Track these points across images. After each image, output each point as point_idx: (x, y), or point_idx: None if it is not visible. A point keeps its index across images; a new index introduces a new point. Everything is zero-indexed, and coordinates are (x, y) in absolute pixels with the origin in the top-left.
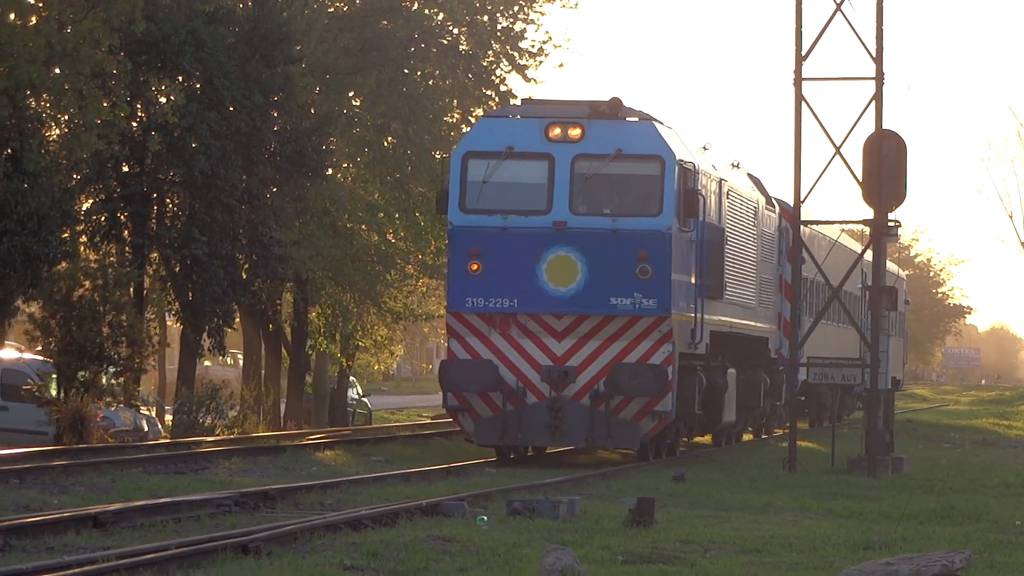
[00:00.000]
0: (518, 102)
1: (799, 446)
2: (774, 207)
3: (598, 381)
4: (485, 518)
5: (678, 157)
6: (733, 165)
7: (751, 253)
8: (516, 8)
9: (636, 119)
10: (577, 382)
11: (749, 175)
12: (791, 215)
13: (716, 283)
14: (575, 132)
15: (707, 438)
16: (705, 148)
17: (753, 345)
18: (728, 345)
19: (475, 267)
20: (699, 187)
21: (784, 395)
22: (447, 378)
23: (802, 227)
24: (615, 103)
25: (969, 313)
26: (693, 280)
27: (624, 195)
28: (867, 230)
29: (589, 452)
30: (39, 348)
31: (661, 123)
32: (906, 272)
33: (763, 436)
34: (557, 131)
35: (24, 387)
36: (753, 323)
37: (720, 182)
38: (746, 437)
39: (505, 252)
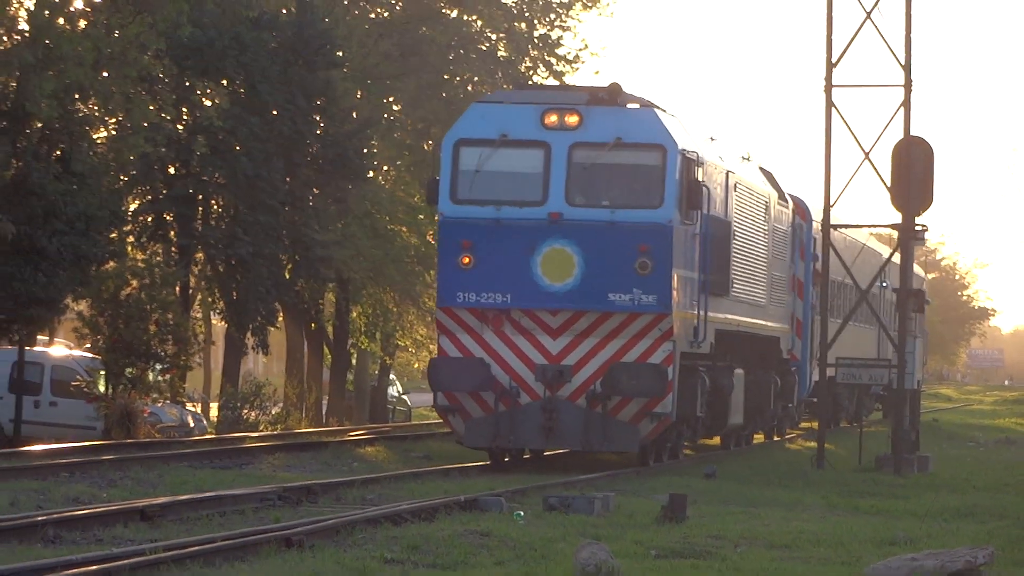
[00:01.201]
0: None
1: (810, 447)
2: (787, 203)
3: (595, 381)
4: (522, 513)
5: (681, 146)
6: (743, 158)
7: (761, 249)
8: (553, 16)
9: (637, 106)
10: (573, 382)
11: (761, 168)
12: (804, 212)
13: (722, 279)
14: (572, 119)
15: (716, 440)
16: (712, 139)
17: (763, 345)
18: (735, 344)
19: (467, 260)
20: (703, 178)
21: (796, 397)
22: (436, 377)
23: (817, 229)
24: (614, 88)
25: (993, 315)
26: (696, 276)
27: (623, 186)
28: (894, 233)
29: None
30: (88, 345)
31: (664, 110)
32: (932, 275)
33: (775, 438)
34: (553, 118)
35: (73, 383)
36: (763, 322)
37: (727, 174)
38: (757, 438)
39: (498, 245)
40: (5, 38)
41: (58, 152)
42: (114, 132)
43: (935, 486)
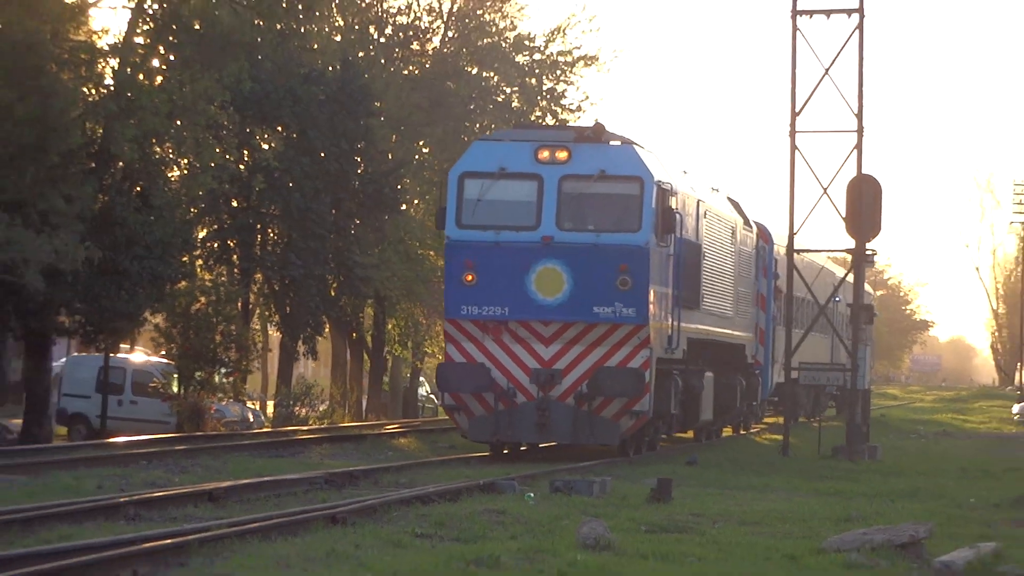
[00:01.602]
0: None
1: (776, 439)
2: (751, 228)
3: (582, 383)
4: (532, 494)
5: (656, 178)
6: (713, 189)
7: (728, 268)
8: (559, 72)
9: (618, 143)
10: (563, 384)
11: (729, 198)
12: (767, 236)
13: (693, 294)
14: (562, 154)
15: (689, 434)
16: (685, 172)
17: (730, 351)
18: (706, 351)
19: (470, 278)
20: (676, 206)
21: (759, 396)
22: (444, 380)
23: (778, 251)
24: (598, 128)
25: (932, 327)
26: (670, 291)
27: (606, 212)
28: (848, 257)
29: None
30: (163, 352)
31: (641, 147)
32: (880, 292)
33: (742, 432)
34: (545, 153)
35: (151, 385)
36: (730, 331)
37: (698, 202)
38: (726, 432)
39: (497, 264)
40: (94, 91)
41: (138, 188)
42: (186, 171)
43: (883, 471)
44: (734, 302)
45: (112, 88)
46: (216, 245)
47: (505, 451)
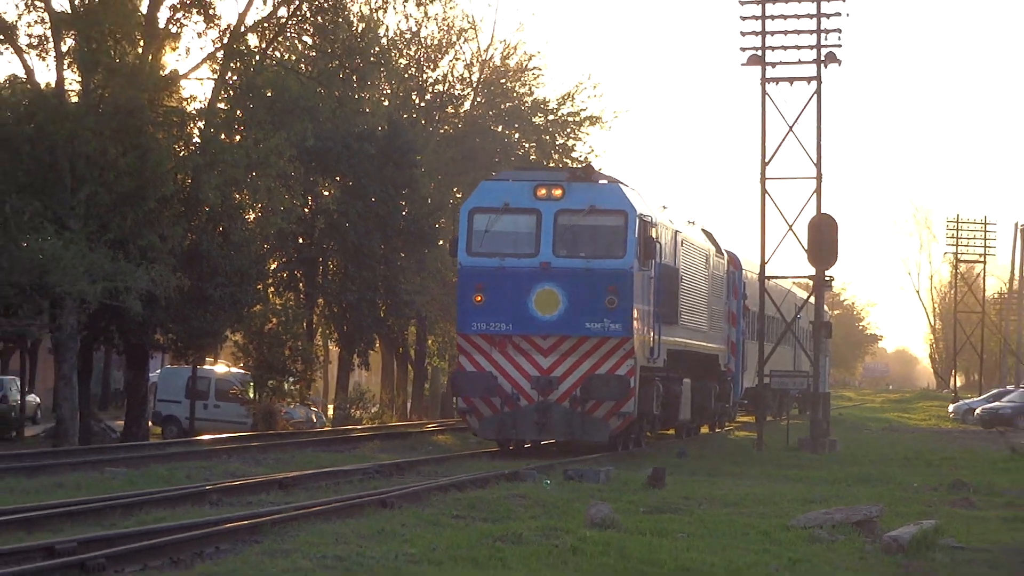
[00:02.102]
0: None
1: (748, 436)
2: (723, 256)
3: (576, 388)
4: (549, 482)
5: (639, 212)
6: (689, 222)
7: (703, 289)
8: (569, 131)
9: (606, 181)
10: (559, 389)
11: (703, 230)
12: (737, 262)
13: (671, 311)
14: (557, 192)
15: (671, 431)
16: (664, 207)
17: (705, 361)
18: (683, 360)
19: (479, 299)
20: (656, 236)
21: (731, 399)
22: (457, 386)
23: (747, 275)
24: (588, 169)
25: (880, 339)
26: (651, 309)
27: (596, 241)
28: (810, 282)
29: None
30: (241, 364)
31: (627, 185)
32: (836, 311)
33: (717, 430)
34: (543, 191)
35: (231, 391)
36: (705, 343)
37: (675, 233)
38: (704, 430)
39: (502, 287)
40: (184, 148)
41: (220, 228)
42: (259, 214)
43: (841, 461)
44: (708, 318)
45: (199, 145)
46: (285, 275)
47: (511, 447)
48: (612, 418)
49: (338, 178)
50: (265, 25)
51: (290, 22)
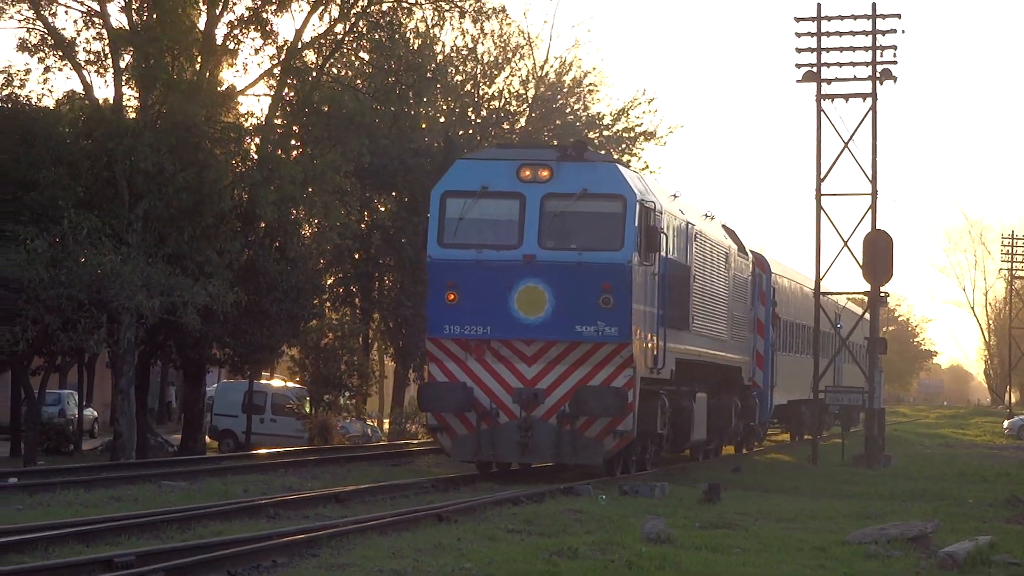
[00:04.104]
0: None
1: (778, 457)
2: (747, 256)
3: (565, 402)
4: (604, 496)
5: (639, 197)
6: (707, 215)
7: (721, 292)
8: (623, 146)
9: (600, 161)
10: (545, 403)
11: (724, 226)
12: (764, 265)
13: (681, 315)
14: (544, 173)
15: (686, 453)
16: (675, 196)
17: (725, 373)
18: (697, 372)
19: (452, 297)
20: (661, 226)
21: (757, 418)
22: (425, 399)
23: (777, 280)
24: (580, 147)
25: (936, 355)
26: (655, 311)
27: (589, 231)
28: (864, 298)
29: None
30: (297, 379)
31: (625, 165)
32: (891, 327)
33: (744, 451)
34: (528, 172)
35: (287, 405)
36: (724, 354)
37: (688, 225)
38: (727, 450)
39: (479, 283)
40: (241, 164)
41: (277, 243)
42: (316, 229)
43: (896, 477)
44: (728, 325)
45: (255, 161)
46: (341, 290)
47: (493, 469)
48: (607, 437)
49: (394, 193)
50: (322, 42)
51: (347, 39)
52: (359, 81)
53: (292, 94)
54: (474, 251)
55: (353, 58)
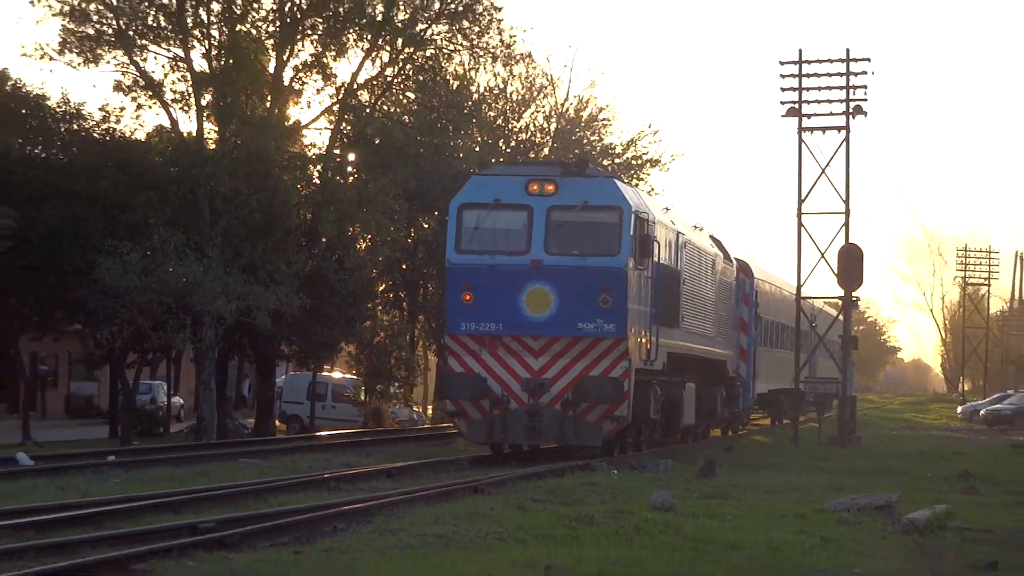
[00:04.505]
0: None
1: (760, 439)
2: (732, 263)
3: (568, 391)
4: (616, 472)
5: (634, 208)
6: (696, 227)
7: (709, 294)
8: (632, 171)
9: (600, 176)
10: (551, 391)
11: (711, 236)
12: (748, 271)
13: (672, 314)
14: (550, 187)
15: (679, 436)
16: (667, 208)
17: (712, 366)
18: (687, 365)
19: (468, 298)
20: (654, 234)
21: (741, 404)
22: (445, 389)
23: (759, 284)
24: (582, 164)
25: (899, 351)
26: (648, 310)
27: (589, 238)
28: (839, 302)
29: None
30: (354, 371)
31: (621, 180)
32: (861, 327)
33: (729, 434)
34: (535, 187)
35: (345, 394)
36: (711, 348)
37: (678, 234)
38: (715, 433)
39: (492, 285)
40: (305, 188)
41: (336, 256)
42: (369, 244)
43: (865, 455)
44: (715, 324)
45: (317, 185)
46: (391, 295)
47: (506, 451)
48: (605, 422)
49: (436, 213)
50: (374, 83)
51: (395, 80)
52: (406, 117)
53: (348, 128)
54: (488, 256)
55: (401, 97)
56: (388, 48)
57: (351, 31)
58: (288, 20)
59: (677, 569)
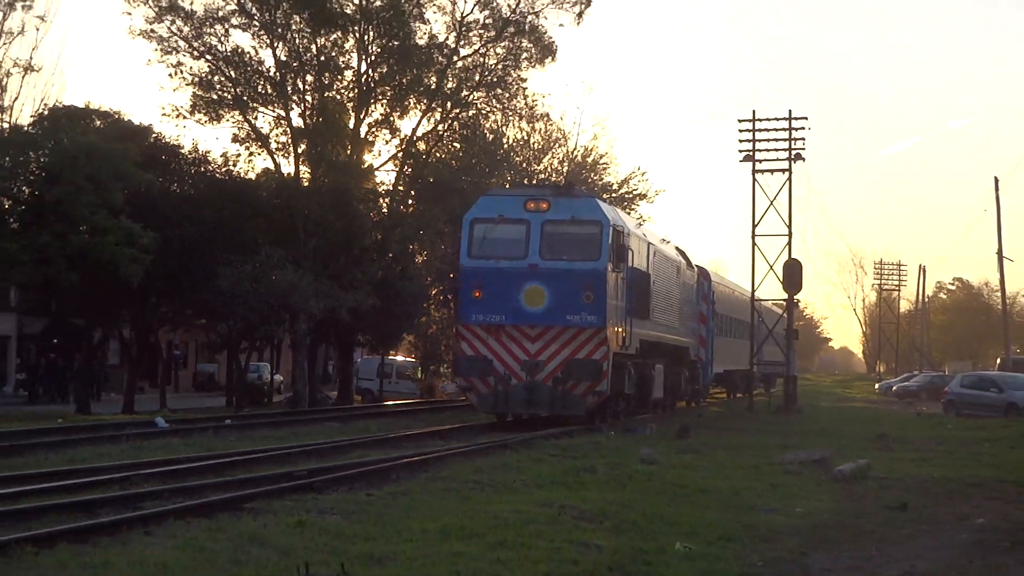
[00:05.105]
0: None
1: (716, 409)
2: (693, 269)
3: (558, 370)
4: (612, 432)
5: (612, 223)
6: (664, 240)
7: (674, 293)
8: (624, 204)
9: (585, 196)
10: (545, 370)
11: (677, 248)
12: (707, 275)
13: (643, 308)
14: (544, 205)
15: (682, 404)
16: (640, 224)
17: (677, 351)
18: (656, 350)
19: (478, 294)
20: (628, 244)
21: (701, 382)
22: (459, 368)
23: (715, 286)
24: (569, 186)
25: (830, 341)
26: (623, 304)
27: (576, 247)
28: (783, 303)
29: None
30: (413, 355)
31: (602, 200)
32: (801, 322)
33: (692, 405)
34: (532, 205)
35: (407, 373)
36: (676, 337)
37: (648, 245)
38: (680, 405)
39: (497, 284)
40: (376, 216)
41: (401, 268)
42: (425, 258)
43: (805, 421)
44: (679, 317)
45: (386, 214)
46: (441, 298)
47: (509, 419)
48: (589, 396)
49: None
50: (429, 136)
51: (445, 134)
52: (453, 161)
53: (409, 170)
54: (493, 261)
55: (449, 146)
56: (440, 109)
57: (412, 97)
58: (364, 88)
59: (660, 508)
